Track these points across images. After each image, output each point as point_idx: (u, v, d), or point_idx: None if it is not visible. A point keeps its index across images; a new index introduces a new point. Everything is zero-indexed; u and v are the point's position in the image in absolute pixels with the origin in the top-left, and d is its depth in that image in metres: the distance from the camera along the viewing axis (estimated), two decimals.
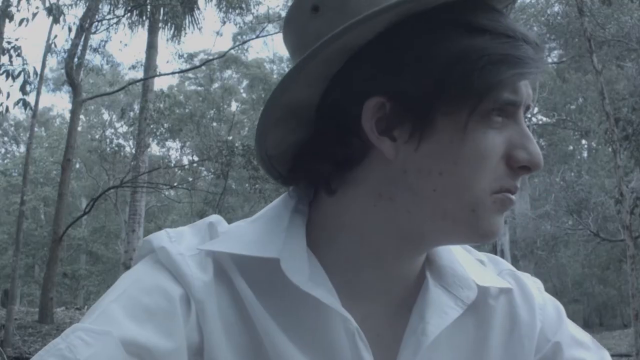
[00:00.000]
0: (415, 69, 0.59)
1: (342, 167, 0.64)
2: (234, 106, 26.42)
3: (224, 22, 15.70)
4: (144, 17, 14.23)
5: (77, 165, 23.40)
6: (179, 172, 18.16)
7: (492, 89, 0.58)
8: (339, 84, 0.62)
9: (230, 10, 15.09)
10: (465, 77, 0.58)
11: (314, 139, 0.65)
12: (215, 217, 0.70)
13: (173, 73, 18.59)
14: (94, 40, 14.65)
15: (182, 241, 0.66)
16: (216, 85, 25.88)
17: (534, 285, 0.76)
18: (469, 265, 0.72)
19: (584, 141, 23.48)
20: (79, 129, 16.03)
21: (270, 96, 0.62)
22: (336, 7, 0.62)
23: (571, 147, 24.17)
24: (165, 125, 15.01)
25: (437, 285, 0.69)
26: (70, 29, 10.71)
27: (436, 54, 0.58)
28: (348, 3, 0.62)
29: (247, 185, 14.41)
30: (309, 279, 0.63)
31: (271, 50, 32.76)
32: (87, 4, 12.19)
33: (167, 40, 15.73)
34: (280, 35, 0.73)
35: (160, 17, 14.16)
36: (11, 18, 8.41)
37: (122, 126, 22.14)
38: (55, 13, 8.91)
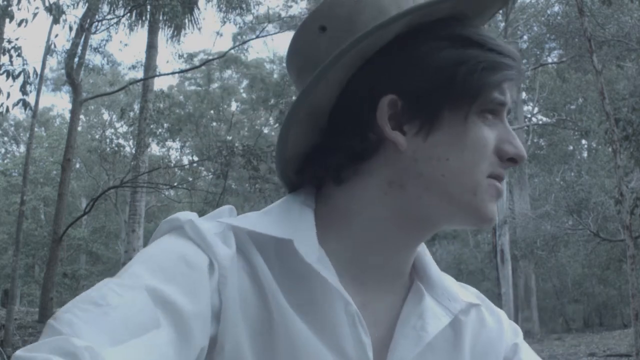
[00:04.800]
0: (423, 70, 0.70)
1: (357, 158, 0.72)
2: (233, 106, 26.46)
3: (224, 22, 15.73)
4: (144, 17, 14.24)
5: (77, 165, 23.41)
6: (179, 172, 18.17)
7: (486, 88, 0.70)
8: (355, 86, 0.71)
9: (230, 10, 15.10)
10: (465, 77, 0.69)
11: (329, 136, 0.73)
12: (230, 206, 0.76)
13: (173, 73, 18.61)
14: (94, 40, 14.68)
15: (205, 221, 0.70)
16: (216, 85, 25.89)
17: (498, 309, 0.87)
18: (451, 280, 0.83)
19: (584, 141, 23.49)
20: (79, 129, 16.04)
21: (294, 101, 0.70)
22: (343, 25, 0.72)
23: (571, 147, 24.18)
24: (165, 125, 15.01)
25: (429, 295, 0.77)
26: (70, 29, 10.72)
27: (440, 58, 0.69)
28: (354, 21, 0.71)
29: (247, 185, 14.41)
30: (318, 261, 0.69)
31: (271, 50, 32.79)
32: (87, 4, 12.19)
33: (167, 40, 15.76)
34: (280, 35, 0.79)
35: (160, 17, 14.16)
36: (12, 18, 8.41)
37: (122, 126, 22.15)
38: (55, 13, 8.92)
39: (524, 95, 23.17)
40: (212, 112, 24.86)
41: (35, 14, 8.57)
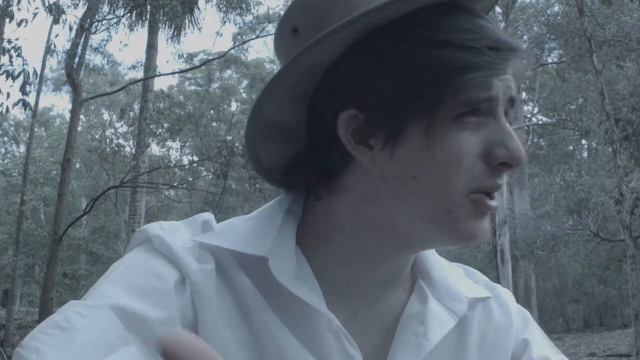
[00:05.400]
0: (382, 80, 0.62)
1: (327, 176, 0.67)
2: (233, 106, 26.43)
3: (224, 22, 15.71)
4: (144, 17, 14.23)
5: (77, 165, 23.40)
6: (179, 172, 18.16)
7: (457, 92, 0.61)
8: (316, 100, 0.66)
9: (230, 10, 15.09)
10: (430, 84, 0.61)
11: (305, 150, 0.69)
12: (208, 215, 0.72)
13: (173, 73, 18.60)
14: (94, 40, 14.68)
15: (176, 233, 0.68)
16: (216, 85, 25.88)
17: (507, 294, 0.80)
18: (456, 277, 0.76)
19: (584, 141, 23.48)
20: (79, 129, 16.03)
21: (249, 115, 0.65)
22: (312, 28, 0.66)
23: (571, 147, 24.17)
24: (165, 125, 15.01)
25: (432, 297, 0.72)
26: (70, 29, 10.72)
27: (401, 66, 0.62)
28: (323, 21, 0.65)
29: (247, 185, 14.41)
30: (296, 278, 0.65)
31: (271, 50, 32.75)
32: (87, 4, 12.19)
33: (167, 40, 15.75)
34: None
35: (160, 17, 14.16)
36: (12, 18, 8.41)
37: (122, 126, 22.13)
38: (55, 13, 8.92)
39: (524, 95, 23.18)
40: (212, 112, 24.85)
41: (35, 14, 8.57)
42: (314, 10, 0.66)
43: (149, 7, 13.38)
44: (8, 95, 8.64)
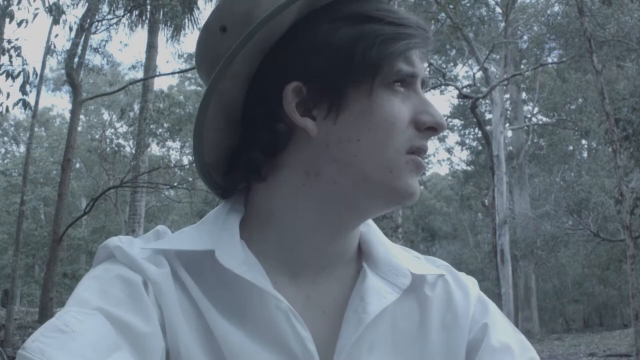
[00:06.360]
0: (321, 53, 0.69)
1: (270, 152, 0.71)
2: None
3: None
4: (144, 17, 14.23)
5: (77, 165, 23.42)
6: (179, 172, 18.16)
7: (387, 59, 0.69)
8: (260, 80, 0.71)
9: None
10: (364, 53, 0.68)
11: (244, 133, 0.74)
12: (162, 227, 0.77)
13: (173, 73, 18.63)
14: (94, 40, 14.69)
15: (133, 246, 0.71)
16: None
17: (469, 279, 0.84)
18: (404, 258, 0.80)
19: (584, 141, 23.49)
20: (79, 129, 16.03)
21: (200, 105, 0.70)
22: (241, 23, 0.71)
23: (571, 147, 24.17)
24: (165, 125, 15.01)
25: (374, 274, 0.76)
26: (70, 29, 10.72)
27: (338, 38, 0.69)
28: (252, 15, 0.71)
29: None
30: (243, 264, 0.69)
31: None
32: (87, 4, 12.19)
33: (167, 40, 15.76)
34: None
35: (160, 17, 14.16)
36: (12, 18, 8.41)
37: (122, 126, 22.14)
38: (55, 13, 8.92)
39: (524, 95, 23.19)
40: None
41: (35, 14, 8.57)
42: (243, 7, 0.72)
43: (148, 7, 13.38)
44: (8, 95, 8.65)
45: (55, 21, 9.18)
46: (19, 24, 8.43)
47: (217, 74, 0.68)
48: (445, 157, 41.16)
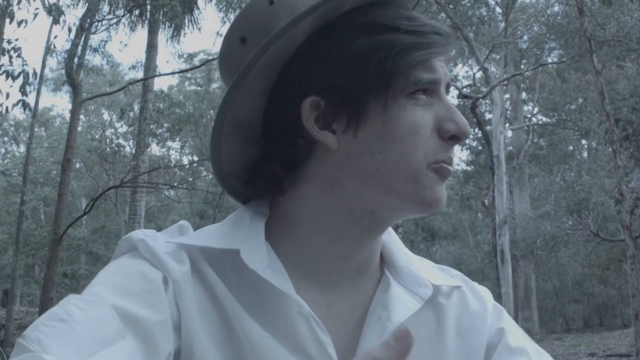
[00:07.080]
0: (338, 65, 0.68)
1: (291, 166, 0.71)
2: None
3: (224, 22, 15.71)
4: (144, 17, 14.23)
5: (77, 165, 23.41)
6: (179, 172, 18.17)
7: (405, 69, 0.67)
8: (277, 93, 0.71)
9: (230, 10, 15.09)
10: (380, 64, 0.67)
11: (265, 147, 0.73)
12: (184, 222, 0.77)
13: (173, 73, 18.63)
14: (94, 40, 14.67)
15: (157, 240, 0.71)
16: (216, 85, 25.86)
17: (483, 288, 0.84)
18: (423, 267, 0.80)
19: (584, 141, 23.49)
20: (79, 129, 16.02)
21: (216, 116, 0.70)
22: (259, 34, 0.71)
23: (571, 147, 24.17)
24: (165, 125, 15.02)
25: (397, 283, 0.76)
26: (70, 29, 10.72)
27: (354, 50, 0.68)
28: (269, 27, 0.70)
29: None
30: (267, 267, 0.69)
31: None
32: (87, 4, 12.19)
33: (167, 40, 15.75)
34: None
35: (160, 17, 14.16)
36: (12, 18, 8.41)
37: (122, 126, 22.14)
38: (55, 14, 8.92)
39: (524, 95, 23.18)
40: (212, 112, 24.85)
41: (35, 15, 8.57)
42: (260, 19, 0.72)
43: (148, 7, 13.38)
44: (8, 95, 8.63)
45: (55, 21, 9.18)
46: (19, 24, 8.43)
47: (232, 85, 0.68)
48: None
